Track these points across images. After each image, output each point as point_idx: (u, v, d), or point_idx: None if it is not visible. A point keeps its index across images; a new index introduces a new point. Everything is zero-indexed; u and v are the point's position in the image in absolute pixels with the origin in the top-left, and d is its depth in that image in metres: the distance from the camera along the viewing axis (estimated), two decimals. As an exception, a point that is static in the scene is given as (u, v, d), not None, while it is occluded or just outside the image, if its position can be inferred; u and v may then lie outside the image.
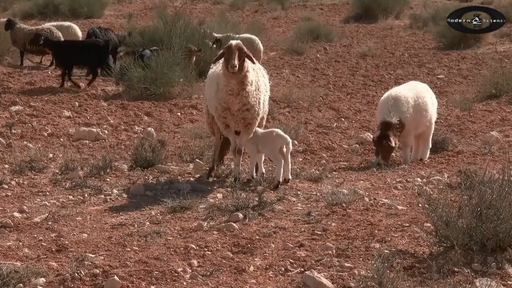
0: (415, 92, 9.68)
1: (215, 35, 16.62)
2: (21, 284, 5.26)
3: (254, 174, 8.35)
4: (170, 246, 6.15)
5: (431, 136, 9.84)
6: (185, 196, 7.42)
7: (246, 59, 7.87)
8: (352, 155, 10.08)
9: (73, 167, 8.66)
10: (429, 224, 6.18)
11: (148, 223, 6.84)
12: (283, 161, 8.18)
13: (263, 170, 8.53)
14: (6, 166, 8.99)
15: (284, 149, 8.23)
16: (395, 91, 9.72)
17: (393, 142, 9.22)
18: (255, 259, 5.91)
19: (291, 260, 5.82)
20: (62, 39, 16.43)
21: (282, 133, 8.33)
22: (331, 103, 13.69)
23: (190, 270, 5.62)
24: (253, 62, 8.01)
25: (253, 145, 8.32)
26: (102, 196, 7.78)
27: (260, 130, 8.38)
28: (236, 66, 7.72)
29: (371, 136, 9.89)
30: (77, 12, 26.67)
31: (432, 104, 9.82)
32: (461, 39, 20.07)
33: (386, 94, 9.81)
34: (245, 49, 7.90)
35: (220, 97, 8.06)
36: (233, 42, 8.01)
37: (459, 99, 13.39)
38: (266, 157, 8.56)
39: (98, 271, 5.51)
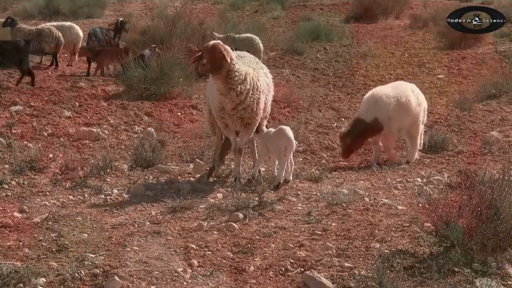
0: (397, 91, 9.60)
1: (216, 34, 16.60)
2: (21, 284, 5.26)
3: (256, 174, 8.34)
4: (170, 246, 6.15)
5: (418, 137, 9.74)
6: (185, 196, 7.42)
7: (227, 58, 7.78)
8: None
9: (73, 167, 8.67)
10: (429, 224, 6.17)
11: (148, 223, 6.84)
12: (287, 162, 8.15)
13: (262, 169, 8.53)
14: (6, 166, 8.99)
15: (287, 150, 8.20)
16: (378, 90, 9.69)
17: (356, 143, 9.24)
18: (255, 259, 5.90)
19: (291, 260, 5.82)
20: (62, 39, 16.41)
21: (287, 132, 8.28)
22: (331, 103, 13.69)
23: (190, 270, 5.62)
24: (226, 61, 7.79)
25: (263, 145, 8.30)
26: (102, 196, 7.78)
27: (272, 130, 8.36)
28: (203, 66, 7.76)
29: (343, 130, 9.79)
30: (77, 12, 26.66)
31: (418, 104, 9.72)
32: (461, 39, 20.06)
33: (369, 93, 9.77)
34: (222, 49, 7.76)
35: (216, 96, 8.09)
36: (211, 42, 8.01)
37: (459, 99, 13.39)
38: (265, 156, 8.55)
39: (98, 271, 5.51)
